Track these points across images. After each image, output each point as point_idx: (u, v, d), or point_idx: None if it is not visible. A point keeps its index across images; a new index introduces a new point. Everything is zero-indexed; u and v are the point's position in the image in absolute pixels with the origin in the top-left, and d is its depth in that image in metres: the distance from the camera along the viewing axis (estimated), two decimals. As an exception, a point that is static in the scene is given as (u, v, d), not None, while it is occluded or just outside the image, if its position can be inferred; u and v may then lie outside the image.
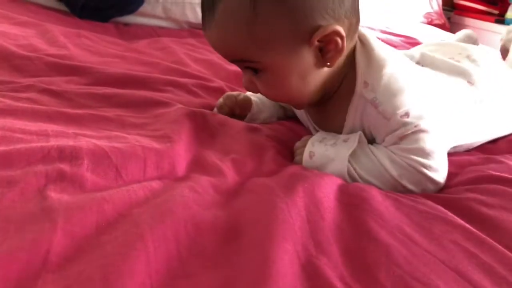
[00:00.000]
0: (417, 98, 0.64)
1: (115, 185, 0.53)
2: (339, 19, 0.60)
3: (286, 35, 0.59)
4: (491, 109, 0.81)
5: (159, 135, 0.65)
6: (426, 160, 0.63)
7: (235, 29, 0.59)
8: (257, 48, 0.60)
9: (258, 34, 0.59)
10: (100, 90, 0.79)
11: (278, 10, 0.57)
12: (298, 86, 0.64)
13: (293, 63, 0.61)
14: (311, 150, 0.66)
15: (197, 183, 0.55)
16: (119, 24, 1.44)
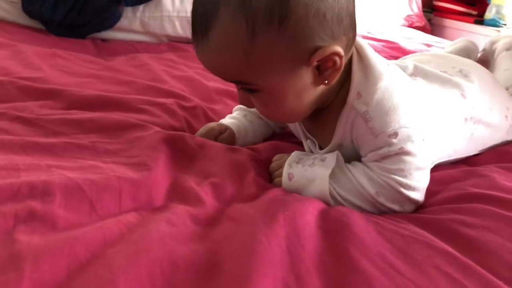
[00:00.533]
0: (408, 119, 0.63)
1: (89, 221, 0.52)
2: (338, 38, 0.59)
3: (285, 58, 0.58)
4: (481, 126, 0.81)
5: (135, 162, 0.64)
6: (405, 179, 0.62)
7: (231, 54, 0.58)
8: (254, 72, 0.59)
9: (255, 59, 0.57)
10: (74, 115, 0.77)
11: (277, 36, 0.56)
12: (294, 105, 0.63)
13: (291, 84, 0.60)
14: (289, 172, 0.65)
15: (174, 214, 0.54)
16: (97, 40, 1.42)
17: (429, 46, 1.91)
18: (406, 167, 0.62)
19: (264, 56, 0.57)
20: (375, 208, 0.64)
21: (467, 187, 0.66)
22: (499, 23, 2.34)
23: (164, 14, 1.45)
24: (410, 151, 0.62)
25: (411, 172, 0.62)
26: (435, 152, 0.74)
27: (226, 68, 0.60)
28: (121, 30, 1.44)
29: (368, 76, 0.64)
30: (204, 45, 0.59)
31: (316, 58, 0.58)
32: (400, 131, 0.61)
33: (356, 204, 0.63)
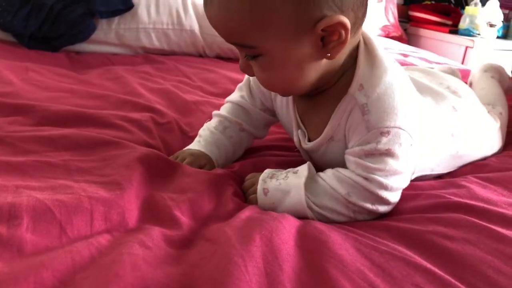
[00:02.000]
0: (404, 121, 0.62)
1: (58, 244, 0.49)
2: (346, 11, 0.57)
3: (290, 21, 0.56)
4: (467, 143, 0.82)
5: (109, 181, 0.62)
6: (381, 178, 0.62)
7: (238, 9, 0.56)
8: (258, 32, 0.57)
9: (261, 17, 0.56)
10: (45, 132, 0.74)
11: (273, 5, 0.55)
12: (294, 75, 0.62)
13: (292, 50, 0.59)
14: (264, 187, 0.65)
15: (148, 235, 0.52)
16: (71, 53, 1.39)
17: (405, 56, 1.93)
18: (386, 168, 0.62)
19: (269, 14, 0.56)
20: (348, 209, 0.63)
21: (446, 195, 0.65)
22: (473, 33, 2.38)
23: (140, 26, 1.43)
24: (396, 154, 0.62)
25: (389, 174, 0.62)
26: (418, 162, 0.73)
27: (231, 26, 0.58)
28: (95, 42, 1.42)
29: (373, 68, 0.63)
30: (211, 2, 0.58)
31: (322, 26, 0.56)
32: (393, 130, 0.61)
33: (331, 208, 0.63)
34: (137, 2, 1.43)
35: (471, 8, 2.43)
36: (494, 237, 0.56)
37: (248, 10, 0.56)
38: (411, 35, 2.73)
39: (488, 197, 0.66)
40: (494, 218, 0.60)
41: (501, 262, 0.52)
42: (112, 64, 1.34)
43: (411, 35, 2.73)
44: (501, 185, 0.72)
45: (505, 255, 0.53)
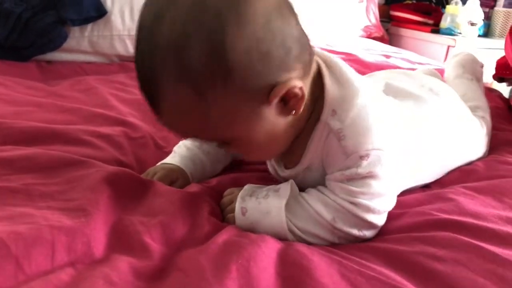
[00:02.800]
0: (381, 141, 0.60)
1: (13, 284, 0.45)
2: (291, 69, 0.54)
3: (243, 108, 0.54)
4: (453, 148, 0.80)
5: (73, 207, 0.57)
6: (366, 201, 0.59)
7: (188, 120, 0.55)
8: (217, 129, 0.55)
9: (213, 118, 0.54)
10: (6, 152, 0.69)
11: (226, 92, 0.51)
12: (271, 143, 0.60)
13: (258, 127, 0.56)
14: (242, 206, 0.61)
15: (114, 269, 0.48)
16: (42, 62, 1.33)
17: (387, 57, 1.91)
18: (370, 190, 0.59)
19: (221, 113, 0.53)
20: (333, 235, 0.60)
21: (434, 212, 0.62)
22: (454, 32, 2.38)
23: (114, 33, 1.38)
24: (378, 175, 0.59)
25: (374, 197, 0.59)
26: (403, 177, 0.71)
27: (189, 131, 0.58)
28: (68, 51, 1.36)
29: (343, 91, 0.60)
30: (160, 114, 0.55)
31: (274, 98, 0.54)
32: (372, 153, 0.59)
33: (314, 234, 0.59)
34: (110, 9, 1.38)
35: (452, 7, 2.42)
36: (485, 256, 0.53)
37: (199, 116, 0.53)
38: (392, 35, 2.71)
39: (477, 211, 0.63)
40: (485, 235, 0.57)
41: (493, 284, 0.49)
42: (85, 74, 1.29)
43: (392, 35, 2.71)
44: (490, 195, 0.70)
45: (497, 276, 0.51)
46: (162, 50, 0.50)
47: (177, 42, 0.49)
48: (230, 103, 0.53)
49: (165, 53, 0.50)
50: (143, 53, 0.53)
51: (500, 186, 0.73)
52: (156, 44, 0.51)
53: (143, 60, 0.53)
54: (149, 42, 0.52)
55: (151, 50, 0.51)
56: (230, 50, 0.49)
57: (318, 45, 2.01)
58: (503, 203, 0.68)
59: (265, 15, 0.51)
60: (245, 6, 0.50)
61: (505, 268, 0.51)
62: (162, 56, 0.50)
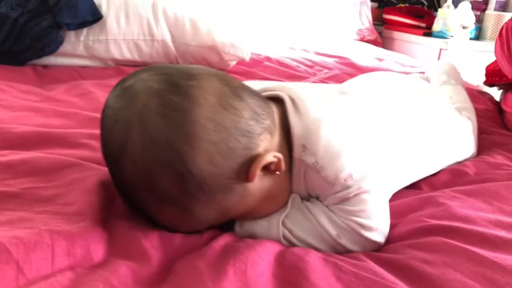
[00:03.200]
0: (357, 157, 0.61)
1: (14, 287, 0.46)
2: (258, 145, 0.55)
3: (231, 200, 0.56)
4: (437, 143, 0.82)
5: (72, 211, 0.58)
6: (366, 220, 0.59)
7: (189, 224, 0.58)
8: (217, 218, 0.58)
9: (208, 216, 0.57)
10: (4, 157, 0.70)
11: (210, 197, 0.54)
12: (273, 203, 0.62)
13: (253, 201, 0.58)
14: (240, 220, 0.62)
15: (114, 272, 0.49)
16: (38, 67, 1.34)
17: (380, 60, 1.93)
18: (366, 207, 0.59)
19: (213, 211, 0.56)
20: (335, 250, 0.60)
21: (425, 219, 0.63)
22: (446, 35, 2.40)
23: (109, 37, 1.39)
24: (368, 190, 0.59)
25: (372, 212, 0.60)
26: (394, 180, 0.73)
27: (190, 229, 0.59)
28: (64, 55, 1.37)
29: (307, 126, 0.61)
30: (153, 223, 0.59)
31: (253, 177, 0.55)
32: (353, 172, 0.59)
33: (314, 246, 0.59)
34: (106, 13, 1.39)
35: (443, 11, 2.45)
36: (474, 260, 0.54)
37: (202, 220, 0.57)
38: (385, 38, 2.74)
39: (467, 215, 0.64)
40: (474, 239, 0.58)
41: (483, 286, 0.51)
42: (81, 78, 1.29)
43: (385, 38, 2.74)
44: (480, 198, 0.71)
45: (486, 278, 0.52)
46: (135, 186, 0.54)
47: (145, 179, 0.53)
48: (218, 203, 0.55)
49: (140, 188, 0.54)
50: (121, 187, 0.58)
51: (490, 189, 0.74)
52: (126, 181, 0.55)
53: (130, 204, 0.59)
54: (120, 178, 0.56)
55: (126, 184, 0.56)
56: (193, 169, 0.51)
57: (312, 49, 2.03)
58: (492, 206, 0.69)
59: (211, 120, 0.52)
60: (189, 121, 0.51)
61: (493, 271, 0.53)
62: (137, 191, 0.55)
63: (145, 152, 0.51)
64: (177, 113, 0.51)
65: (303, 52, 1.96)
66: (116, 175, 0.57)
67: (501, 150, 0.96)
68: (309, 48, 2.03)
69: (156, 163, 0.51)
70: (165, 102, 0.52)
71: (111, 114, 0.55)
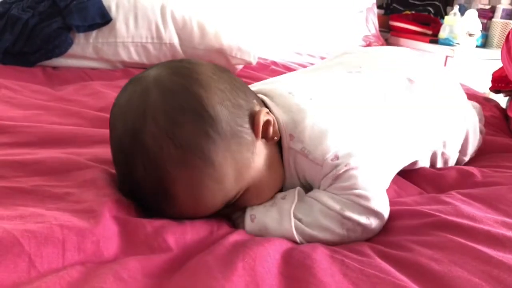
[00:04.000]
0: (341, 138, 0.66)
1: (26, 279, 0.47)
2: (254, 105, 0.63)
3: (244, 154, 0.60)
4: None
5: (82, 209, 0.59)
6: (362, 191, 0.62)
7: (203, 195, 0.58)
8: (232, 185, 0.59)
9: (226, 176, 0.58)
10: (17, 156, 0.71)
11: (225, 146, 0.57)
12: (274, 176, 0.65)
13: (260, 165, 0.62)
14: (251, 214, 0.63)
15: (123, 266, 0.50)
16: (47, 68, 1.36)
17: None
18: (357, 181, 0.62)
19: (230, 167, 0.58)
20: (342, 227, 0.61)
21: (431, 212, 0.64)
22: (452, 42, 2.41)
23: (118, 39, 1.40)
24: (356, 166, 0.63)
25: (365, 184, 0.62)
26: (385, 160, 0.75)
27: (206, 206, 0.60)
28: (73, 57, 1.39)
29: (292, 116, 0.66)
30: (175, 208, 0.59)
31: (259, 130, 0.61)
32: (338, 151, 0.64)
33: (325, 227, 0.61)
34: (115, 16, 1.41)
35: (450, 18, 2.46)
36: (481, 258, 0.55)
37: (216, 184, 0.58)
38: (392, 45, 2.74)
39: (473, 214, 0.64)
40: (480, 237, 0.59)
41: (489, 285, 0.51)
42: (90, 79, 1.31)
43: (392, 45, 2.74)
44: (486, 203, 0.71)
45: (492, 277, 0.52)
46: (158, 145, 0.56)
47: (168, 131, 0.56)
48: (233, 154, 0.58)
49: (162, 145, 0.55)
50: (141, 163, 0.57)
51: (496, 194, 0.75)
52: (149, 146, 0.56)
53: (144, 168, 0.57)
54: (139, 150, 0.57)
55: (147, 154, 0.56)
56: (210, 109, 0.57)
57: (318, 54, 2.04)
58: (498, 210, 0.70)
59: (215, 73, 0.61)
60: (198, 73, 0.60)
61: (500, 270, 0.53)
62: (160, 150, 0.56)
63: (166, 103, 0.57)
64: (187, 69, 0.60)
65: (309, 57, 1.97)
66: (133, 152, 0.58)
67: (507, 155, 0.97)
68: (315, 53, 2.04)
69: (178, 110, 0.56)
70: (174, 70, 0.61)
71: (126, 96, 0.61)
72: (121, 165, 0.61)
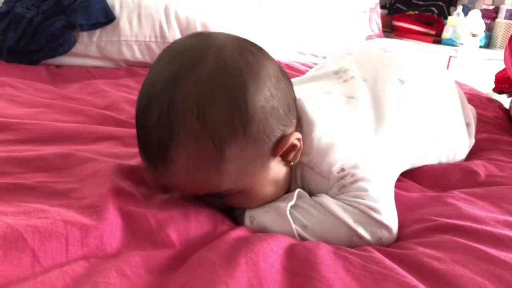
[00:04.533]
0: (347, 150, 0.66)
1: (30, 274, 0.47)
2: (291, 124, 0.61)
3: (254, 160, 0.59)
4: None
5: (85, 204, 0.59)
6: (372, 203, 0.60)
7: (202, 174, 0.57)
8: (228, 181, 0.58)
9: (227, 171, 0.57)
10: (20, 153, 0.71)
11: (243, 144, 0.56)
12: (274, 191, 0.64)
13: (265, 178, 0.61)
14: (250, 215, 0.63)
15: (126, 262, 0.50)
16: (51, 66, 1.36)
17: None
18: (368, 192, 0.61)
19: (235, 165, 0.57)
20: (350, 241, 0.60)
21: (434, 217, 0.64)
22: (456, 43, 2.40)
23: (121, 38, 1.41)
24: (364, 177, 0.63)
25: (375, 196, 0.61)
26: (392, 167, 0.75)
27: (198, 186, 0.59)
28: (76, 55, 1.39)
29: (302, 128, 0.66)
30: (167, 171, 0.57)
31: (281, 149, 0.60)
32: (345, 164, 0.64)
33: (330, 240, 0.59)
34: (119, 15, 1.41)
35: (453, 18, 2.45)
36: (484, 258, 0.55)
37: (214, 170, 0.56)
38: (395, 45, 2.74)
39: (476, 215, 0.64)
40: (483, 238, 0.59)
41: (492, 284, 0.51)
42: (93, 78, 1.31)
43: (395, 45, 2.74)
44: (488, 201, 0.71)
45: (495, 276, 0.52)
46: (184, 106, 0.53)
47: (200, 100, 0.53)
48: (245, 156, 0.57)
49: (188, 109, 0.53)
50: (158, 110, 0.54)
51: (499, 193, 0.75)
52: (176, 102, 0.54)
53: (159, 116, 0.54)
54: (166, 100, 0.54)
55: (169, 107, 0.54)
56: (250, 104, 0.55)
57: (321, 54, 2.04)
58: (501, 208, 0.69)
59: (275, 76, 0.59)
60: (260, 67, 0.57)
61: (502, 269, 0.53)
62: (183, 112, 0.53)
63: (214, 75, 0.54)
64: (252, 56, 0.57)
65: (312, 57, 1.97)
66: (158, 98, 0.55)
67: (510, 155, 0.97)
68: (318, 53, 2.04)
69: (220, 88, 0.54)
70: (241, 49, 0.58)
71: (187, 42, 0.59)
72: (142, 102, 0.57)
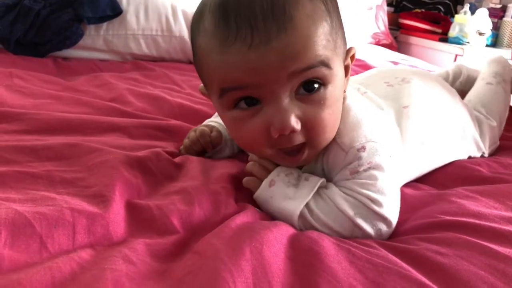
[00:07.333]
0: (373, 133, 0.64)
1: (38, 260, 0.47)
2: None
3: (341, 45, 0.61)
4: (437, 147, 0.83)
5: (92, 193, 0.60)
6: (376, 195, 0.61)
7: (320, 31, 0.56)
8: (331, 53, 0.58)
9: (332, 40, 0.58)
10: (28, 142, 0.72)
11: (338, 22, 0.61)
12: (336, 116, 0.62)
13: (339, 75, 0.61)
14: (272, 179, 0.63)
15: (132, 249, 0.50)
16: (58, 59, 1.37)
17: (395, 64, 1.93)
18: (376, 182, 0.61)
19: (336, 38, 0.59)
20: (351, 232, 0.61)
21: (437, 215, 0.64)
22: (462, 41, 2.40)
23: (128, 32, 1.41)
24: (379, 165, 0.62)
25: (382, 188, 0.61)
26: (401, 172, 0.74)
27: (312, 48, 0.55)
28: (83, 48, 1.40)
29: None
30: (284, 33, 0.54)
31: (349, 53, 0.65)
32: (367, 145, 0.63)
33: (331, 227, 0.60)
34: (125, 8, 1.42)
35: (460, 17, 2.45)
36: (487, 253, 0.54)
37: (328, 28, 0.57)
38: (401, 43, 2.74)
39: (479, 212, 0.64)
40: (487, 234, 0.58)
41: (495, 278, 0.51)
42: (100, 71, 1.32)
43: (401, 43, 2.74)
44: (492, 198, 0.71)
45: (498, 271, 0.52)
46: None
47: None
48: (339, 36, 0.60)
49: None
50: None
51: (503, 190, 0.74)
52: None
53: None
54: None
55: None
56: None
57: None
58: (505, 205, 0.69)
59: None
60: None
61: (506, 264, 0.53)
62: None
63: None
64: None
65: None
66: None
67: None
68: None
69: None
70: None
71: None
72: None
